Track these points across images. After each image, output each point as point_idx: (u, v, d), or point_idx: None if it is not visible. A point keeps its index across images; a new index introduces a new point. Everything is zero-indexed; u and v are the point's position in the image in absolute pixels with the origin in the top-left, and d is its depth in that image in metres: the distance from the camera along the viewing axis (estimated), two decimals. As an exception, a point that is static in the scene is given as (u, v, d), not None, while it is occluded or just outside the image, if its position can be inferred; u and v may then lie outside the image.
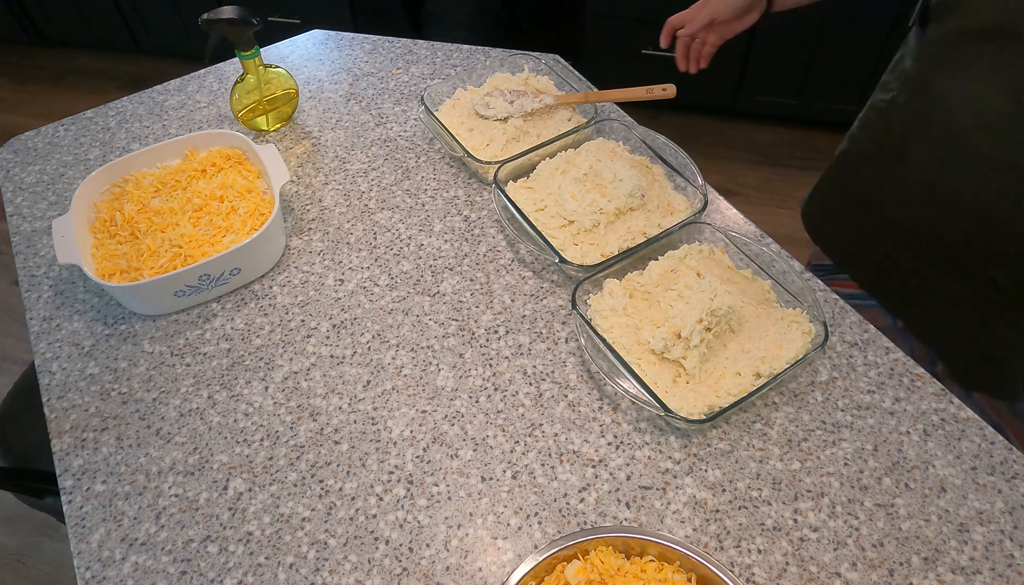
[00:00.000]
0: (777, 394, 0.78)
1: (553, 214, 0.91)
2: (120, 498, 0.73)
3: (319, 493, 0.72)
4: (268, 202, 0.94)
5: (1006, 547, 0.66)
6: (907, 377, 0.78)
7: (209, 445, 0.76)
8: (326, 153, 1.08)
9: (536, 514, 0.70)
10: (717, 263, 0.86)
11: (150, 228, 0.90)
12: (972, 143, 0.80)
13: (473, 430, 0.76)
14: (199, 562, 0.68)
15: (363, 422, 0.77)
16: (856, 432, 0.74)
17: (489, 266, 0.91)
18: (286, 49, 1.28)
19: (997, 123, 0.77)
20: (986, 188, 0.81)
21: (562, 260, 0.84)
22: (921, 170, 0.86)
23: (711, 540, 0.68)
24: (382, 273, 0.91)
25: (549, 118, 1.04)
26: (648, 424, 0.76)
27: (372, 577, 0.66)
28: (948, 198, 0.85)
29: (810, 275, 0.88)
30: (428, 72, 1.21)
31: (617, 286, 0.82)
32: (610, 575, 0.61)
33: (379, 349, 0.83)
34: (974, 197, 0.82)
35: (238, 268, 0.87)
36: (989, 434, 0.74)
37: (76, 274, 0.93)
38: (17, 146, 1.11)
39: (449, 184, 1.02)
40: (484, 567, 0.67)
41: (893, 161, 0.90)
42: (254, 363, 0.83)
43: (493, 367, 0.81)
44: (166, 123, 1.14)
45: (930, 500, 0.69)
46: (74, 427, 0.78)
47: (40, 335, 0.87)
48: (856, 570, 0.65)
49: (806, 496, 0.70)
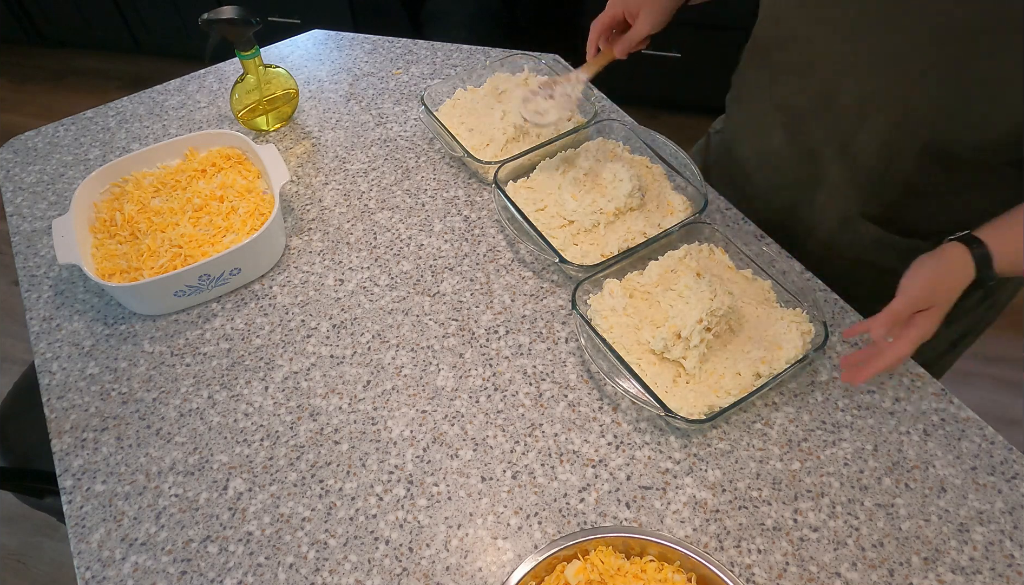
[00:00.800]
0: (777, 394, 0.78)
1: (553, 214, 0.91)
2: (120, 498, 0.73)
3: (319, 493, 0.72)
4: (268, 202, 0.94)
5: (1006, 547, 0.66)
6: (907, 377, 0.78)
7: (209, 445, 0.76)
8: (326, 153, 1.08)
9: (536, 514, 0.70)
10: (717, 263, 0.86)
11: (150, 228, 0.90)
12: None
13: (473, 430, 0.76)
14: (199, 562, 0.68)
15: (363, 422, 0.77)
16: (856, 432, 0.74)
17: (489, 266, 0.91)
18: (286, 49, 1.28)
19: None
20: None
21: (562, 260, 0.84)
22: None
23: (711, 540, 0.68)
24: (382, 273, 0.91)
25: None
26: (648, 424, 0.76)
27: (372, 577, 0.66)
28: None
29: (810, 275, 0.88)
30: (428, 72, 1.21)
31: (617, 286, 0.82)
32: (610, 575, 0.61)
33: (379, 349, 0.83)
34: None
35: (238, 268, 0.87)
36: (989, 434, 0.74)
37: (76, 274, 0.93)
38: (17, 146, 1.11)
39: (449, 184, 1.02)
40: (484, 567, 0.67)
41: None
42: (254, 363, 0.83)
43: (493, 367, 0.81)
44: (166, 123, 1.13)
45: (930, 500, 0.69)
46: (74, 427, 0.78)
47: (40, 335, 0.87)
48: (856, 570, 0.65)
49: (806, 496, 0.70)
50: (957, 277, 0.69)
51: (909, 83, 0.71)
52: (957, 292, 0.69)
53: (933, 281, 0.69)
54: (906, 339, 0.69)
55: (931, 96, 0.70)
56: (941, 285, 0.69)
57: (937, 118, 0.71)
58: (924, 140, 0.74)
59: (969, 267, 0.68)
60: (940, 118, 0.71)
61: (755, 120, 0.93)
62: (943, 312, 0.70)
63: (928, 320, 0.69)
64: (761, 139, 0.92)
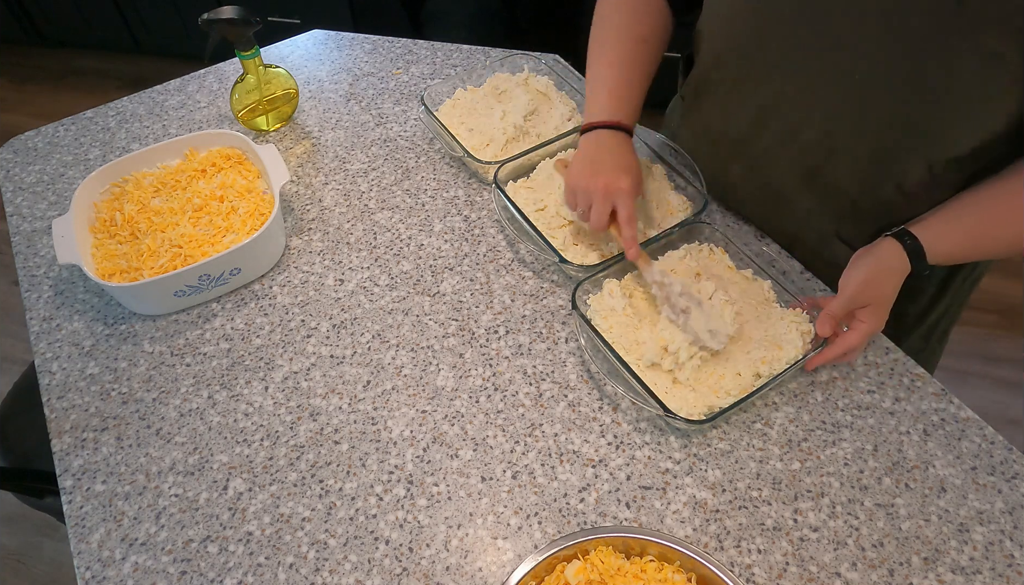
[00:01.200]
0: (777, 394, 0.78)
1: (553, 214, 0.91)
2: (120, 498, 0.73)
3: (319, 493, 0.72)
4: (268, 202, 0.94)
5: (1006, 547, 0.66)
6: (907, 377, 0.78)
7: (209, 445, 0.76)
8: (326, 153, 1.08)
9: (536, 514, 0.70)
10: (717, 263, 0.86)
11: (150, 228, 0.90)
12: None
13: (473, 430, 0.76)
14: (199, 562, 0.68)
15: (363, 422, 0.77)
16: (856, 432, 0.74)
17: (489, 266, 0.91)
18: (286, 49, 1.28)
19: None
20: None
21: (562, 260, 0.84)
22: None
23: (711, 540, 0.68)
24: (382, 273, 0.91)
25: (549, 118, 1.04)
26: (648, 424, 0.76)
27: (372, 577, 0.66)
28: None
29: (810, 275, 0.88)
30: (428, 72, 1.21)
31: (616, 286, 0.82)
32: (610, 575, 0.61)
33: (379, 349, 0.83)
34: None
35: (238, 268, 0.87)
36: (989, 434, 0.74)
37: (76, 274, 0.93)
38: (17, 146, 1.11)
39: (449, 184, 1.02)
40: (484, 567, 0.67)
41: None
42: (254, 363, 0.83)
43: (493, 367, 0.81)
44: (166, 123, 1.14)
45: (930, 500, 0.69)
46: (74, 427, 0.78)
47: (40, 335, 0.87)
48: (856, 570, 0.65)
49: (806, 496, 0.70)
50: (892, 271, 0.72)
51: (874, 117, 0.71)
52: (894, 285, 0.73)
53: (868, 277, 0.73)
54: (855, 331, 0.74)
55: (892, 122, 0.71)
56: (875, 280, 0.73)
57: (904, 140, 0.72)
58: (897, 163, 0.74)
59: (903, 260, 0.72)
60: (907, 140, 0.71)
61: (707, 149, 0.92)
62: (886, 306, 0.74)
63: (872, 315, 0.73)
64: (717, 171, 0.92)
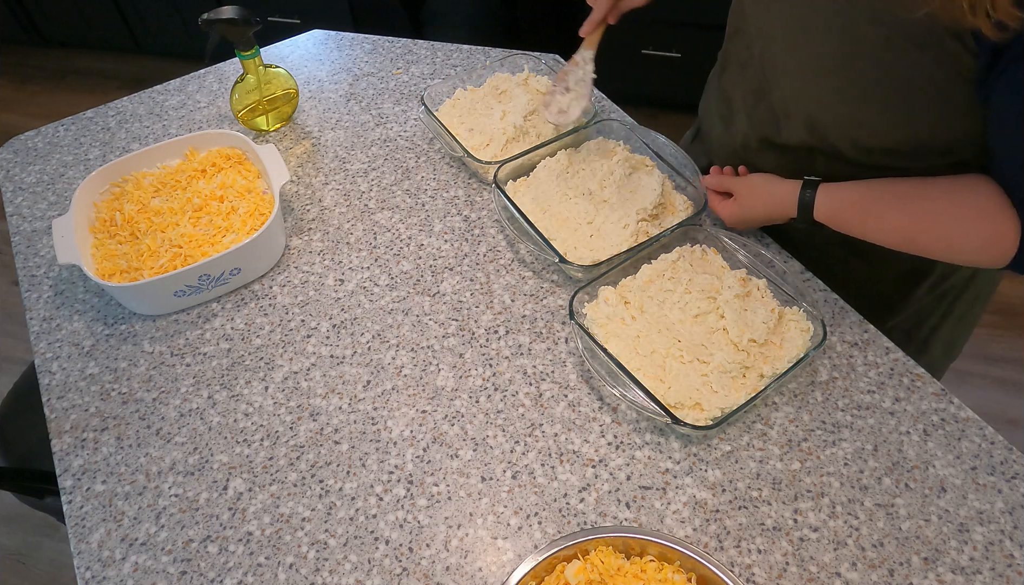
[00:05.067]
0: (777, 394, 0.78)
1: (553, 214, 0.91)
2: (120, 498, 0.73)
3: (319, 493, 0.72)
4: (268, 202, 0.94)
5: (1006, 547, 0.66)
6: (907, 377, 0.78)
7: (209, 445, 0.76)
8: (326, 153, 1.08)
9: (536, 514, 0.70)
10: (710, 264, 0.85)
11: (150, 228, 0.90)
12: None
13: (473, 430, 0.76)
14: (199, 562, 0.68)
15: (363, 422, 0.77)
16: (856, 432, 0.74)
17: (489, 266, 0.91)
18: (286, 49, 1.28)
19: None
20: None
21: (562, 260, 0.84)
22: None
23: (711, 540, 0.68)
24: (382, 273, 0.91)
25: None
26: (648, 424, 0.76)
27: (372, 577, 0.66)
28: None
29: (810, 275, 0.88)
30: (428, 72, 1.21)
31: (612, 293, 0.82)
32: (610, 575, 0.61)
33: (379, 349, 0.83)
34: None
35: (238, 268, 0.87)
36: (989, 434, 0.74)
37: (76, 274, 0.93)
38: (17, 146, 1.11)
39: (449, 184, 1.02)
40: (484, 567, 0.67)
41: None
42: (254, 363, 0.83)
43: (493, 367, 0.81)
44: (166, 123, 1.14)
45: (930, 500, 0.69)
46: (74, 427, 0.78)
47: (40, 335, 0.87)
48: (856, 570, 0.65)
49: (806, 496, 0.70)
50: (778, 203, 0.81)
51: (827, 92, 0.74)
52: (763, 210, 0.83)
53: (757, 188, 0.83)
54: (725, 202, 0.87)
55: (844, 105, 0.74)
56: (758, 194, 0.83)
57: (846, 125, 0.75)
58: (835, 142, 0.77)
59: (793, 204, 0.79)
60: (849, 125, 0.75)
61: (706, 106, 0.98)
62: (747, 213, 0.85)
63: (735, 204, 0.85)
64: (709, 126, 0.97)
